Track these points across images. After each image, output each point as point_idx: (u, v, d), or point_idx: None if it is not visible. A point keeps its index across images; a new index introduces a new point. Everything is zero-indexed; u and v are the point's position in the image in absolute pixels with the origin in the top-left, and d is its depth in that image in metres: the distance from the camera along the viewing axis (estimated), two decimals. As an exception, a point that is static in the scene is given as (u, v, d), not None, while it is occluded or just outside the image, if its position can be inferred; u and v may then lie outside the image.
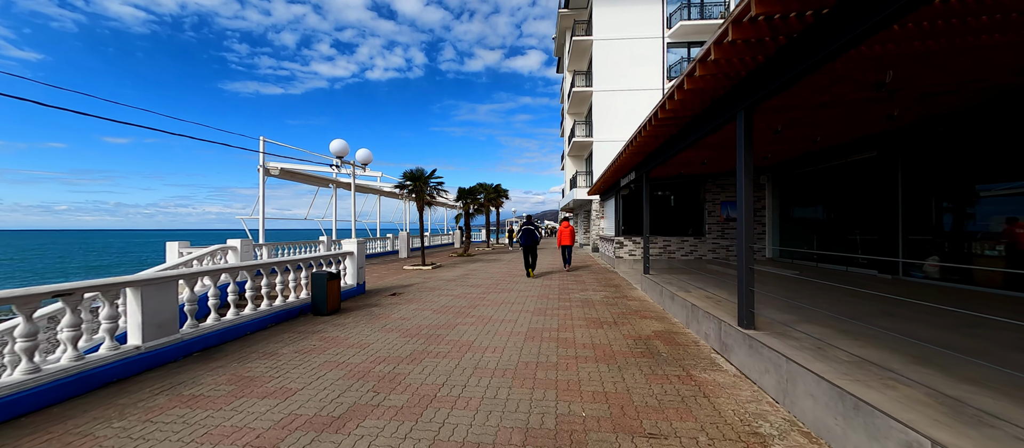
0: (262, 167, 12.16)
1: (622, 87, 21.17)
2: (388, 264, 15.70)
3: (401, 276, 11.85)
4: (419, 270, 13.35)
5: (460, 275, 11.89)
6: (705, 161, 9.52)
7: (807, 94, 4.80)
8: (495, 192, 25.76)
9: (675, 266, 12.05)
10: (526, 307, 7.11)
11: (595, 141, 21.39)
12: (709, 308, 5.07)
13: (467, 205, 19.82)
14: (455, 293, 8.67)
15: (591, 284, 9.82)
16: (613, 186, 13.85)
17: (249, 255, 9.23)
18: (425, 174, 13.97)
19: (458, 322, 6.09)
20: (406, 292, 8.88)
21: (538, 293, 8.55)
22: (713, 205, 12.75)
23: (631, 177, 10.41)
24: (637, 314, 6.48)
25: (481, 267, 14.21)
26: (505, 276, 11.55)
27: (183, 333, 4.64)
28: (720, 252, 12.68)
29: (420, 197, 13.87)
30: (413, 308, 7.13)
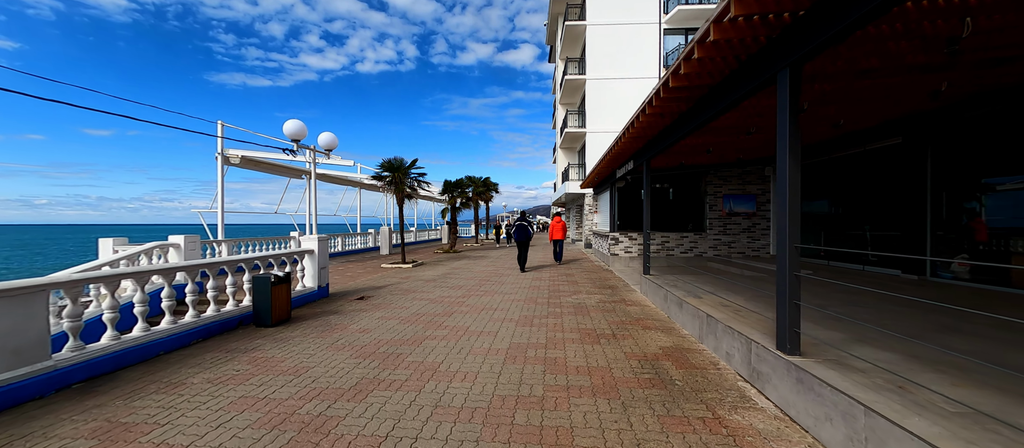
0: (220, 155, 10.95)
1: (617, 75, 20.20)
2: (366, 262, 14.60)
3: (376, 276, 10.79)
4: (398, 268, 12.30)
5: (442, 274, 10.87)
6: (710, 149, 8.60)
7: (858, 54, 3.86)
8: (484, 185, 24.69)
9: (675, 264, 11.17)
10: (511, 314, 6.12)
11: (588, 132, 20.42)
12: (730, 321, 4.13)
13: (453, 199, 18.74)
14: (432, 296, 7.65)
15: (584, 285, 8.88)
16: (608, 178, 12.91)
17: (195, 253, 8.08)
18: (405, 164, 12.88)
19: (428, 335, 5.08)
20: (376, 295, 7.83)
21: (525, 296, 7.58)
22: (715, 198, 11.88)
23: (628, 167, 9.46)
24: (639, 324, 5.53)
25: (466, 265, 13.19)
26: (490, 275, 10.56)
27: (58, 360, 3.56)
28: (722, 249, 11.84)
29: (399, 189, 12.77)
30: (378, 316, 6.10)
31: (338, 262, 14.46)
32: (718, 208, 11.88)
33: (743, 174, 11.80)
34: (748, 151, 9.46)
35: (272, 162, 12.53)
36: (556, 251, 13.22)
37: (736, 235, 11.82)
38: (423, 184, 13.45)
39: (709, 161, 10.70)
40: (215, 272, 5.42)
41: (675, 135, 6.11)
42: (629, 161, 9.23)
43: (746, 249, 11.78)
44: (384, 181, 12.90)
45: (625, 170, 10.02)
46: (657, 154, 7.20)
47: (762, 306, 4.77)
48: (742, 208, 11.80)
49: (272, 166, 12.84)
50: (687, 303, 5.17)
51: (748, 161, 11.19)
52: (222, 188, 10.88)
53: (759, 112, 5.83)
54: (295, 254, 7.06)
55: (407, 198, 13.20)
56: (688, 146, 8.20)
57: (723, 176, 11.88)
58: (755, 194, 11.77)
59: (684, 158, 9.99)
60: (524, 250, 11.68)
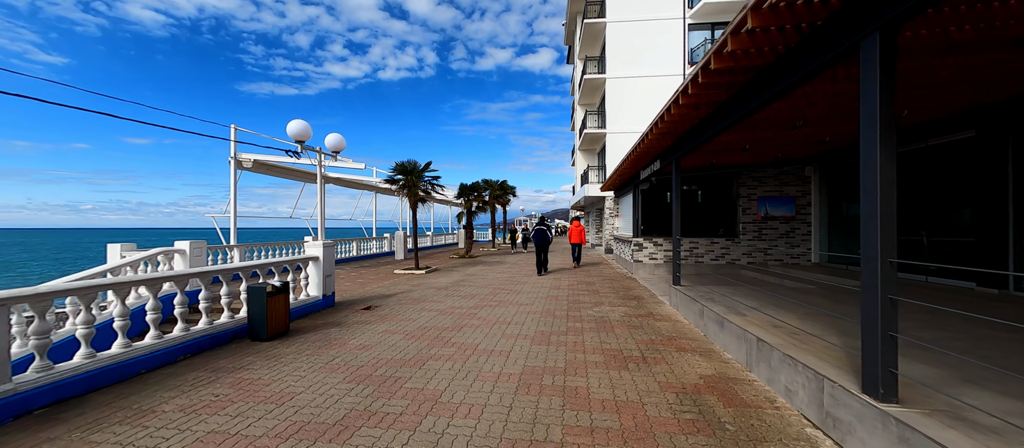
0: (233, 159, 10.83)
1: (638, 73, 19.39)
2: (380, 267, 14.29)
3: (388, 282, 10.39)
4: (411, 275, 11.89)
5: (455, 281, 10.38)
6: (747, 147, 7.81)
7: (951, 22, 3.11)
8: (501, 189, 24.22)
9: (704, 273, 10.34)
10: (526, 330, 5.54)
11: (608, 133, 19.66)
12: (788, 348, 3.43)
13: (469, 203, 18.31)
14: (442, 306, 7.15)
15: (606, 294, 8.20)
16: (631, 180, 12.17)
17: (201, 260, 7.85)
18: (418, 167, 12.50)
19: (432, 354, 4.55)
20: (384, 305, 7.39)
21: (542, 308, 6.97)
22: (748, 201, 10.98)
23: (654, 167, 8.74)
24: (672, 344, 4.85)
25: (481, 272, 12.68)
26: (506, 283, 9.99)
27: (19, 382, 3.20)
28: (757, 256, 10.91)
29: (412, 193, 12.40)
30: (382, 330, 5.63)
31: (352, 267, 14.21)
32: (752, 212, 10.97)
33: (780, 175, 10.86)
34: (789, 149, 8.60)
35: (285, 166, 12.38)
36: (574, 254, 13.71)
37: (773, 241, 10.88)
38: (437, 187, 13.05)
39: (743, 160, 9.85)
40: (208, 281, 5.06)
41: (710, 130, 5.42)
42: (655, 161, 8.52)
43: (784, 256, 10.81)
44: (397, 185, 12.56)
45: (650, 171, 9.30)
46: (688, 152, 6.50)
47: (823, 328, 4.02)
48: (779, 211, 10.86)
49: (285, 170, 12.70)
50: (729, 322, 4.46)
51: (786, 160, 10.27)
52: (235, 192, 10.74)
53: (812, 101, 5.08)
54: (298, 261, 6.69)
55: (421, 202, 12.82)
56: (722, 143, 7.45)
57: (758, 177, 10.97)
58: (794, 196, 10.81)
59: (715, 157, 9.20)
60: (544, 253, 12.02)
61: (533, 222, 66.37)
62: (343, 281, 10.70)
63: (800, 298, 5.68)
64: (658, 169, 8.54)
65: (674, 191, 6.95)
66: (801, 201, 10.80)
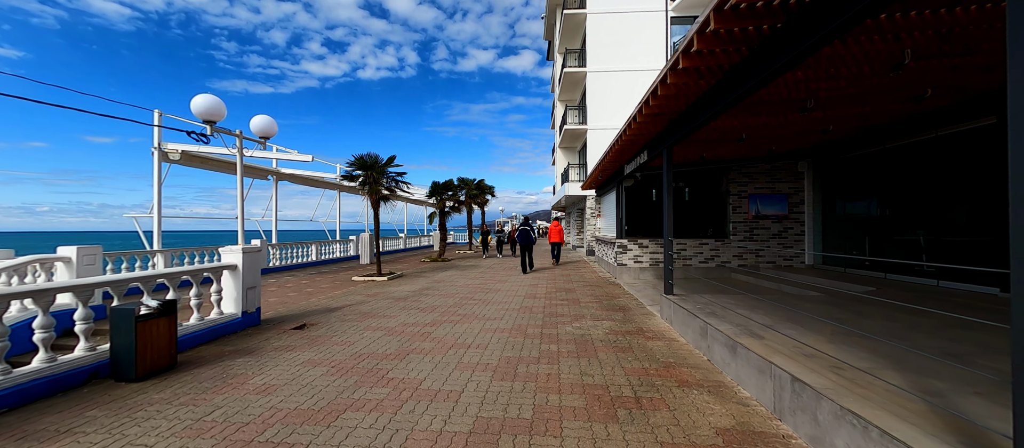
0: (157, 149, 9.30)
1: (620, 67, 18.60)
2: (339, 273, 12.89)
3: (341, 292, 9.08)
4: (371, 282, 10.59)
5: (419, 290, 9.16)
6: (744, 135, 6.92)
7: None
8: (477, 188, 23.03)
9: (693, 276, 9.48)
10: (488, 357, 4.41)
11: (590, 129, 18.79)
12: (842, 395, 2.43)
13: (442, 202, 17.04)
14: (393, 323, 5.94)
15: (588, 304, 7.16)
16: (614, 176, 11.23)
17: (94, 269, 6.38)
18: (380, 161, 11.21)
19: (354, 400, 3.37)
20: (323, 322, 6.12)
21: (513, 323, 5.86)
22: (739, 199, 10.19)
23: (641, 160, 7.77)
24: (670, 375, 3.81)
25: (450, 277, 11.48)
26: (476, 291, 8.84)
27: None
28: (748, 258, 10.13)
29: (373, 190, 11.10)
30: (303, 360, 4.39)
31: (308, 274, 12.76)
32: (743, 210, 10.19)
33: (772, 170, 10.12)
34: (785, 140, 7.79)
35: (220, 158, 10.81)
36: (554, 253, 14.61)
37: (765, 241, 10.12)
38: (402, 184, 11.78)
39: (735, 154, 9.02)
40: (86, 300, 3.74)
41: (711, 109, 4.44)
42: (642, 151, 7.55)
43: (776, 258, 10.07)
44: (356, 181, 11.24)
45: (636, 164, 8.34)
46: (682, 138, 5.52)
47: (869, 357, 3.05)
48: (771, 210, 10.11)
49: (220, 163, 11.11)
50: (743, 347, 3.45)
51: (780, 154, 9.52)
52: (159, 188, 9.20)
53: (830, 73, 4.16)
54: (207, 271, 5.35)
55: (383, 200, 11.53)
56: (718, 131, 6.53)
57: (749, 173, 10.19)
58: (786, 194, 10.08)
59: (707, 149, 8.32)
60: (528, 253, 12.53)
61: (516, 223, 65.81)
62: (289, 291, 9.32)
63: (814, 310, 4.76)
64: (645, 162, 7.57)
65: (665, 185, 5.97)
66: (793, 199, 10.08)
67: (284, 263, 13.50)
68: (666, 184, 5.99)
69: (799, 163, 9.92)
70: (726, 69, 3.94)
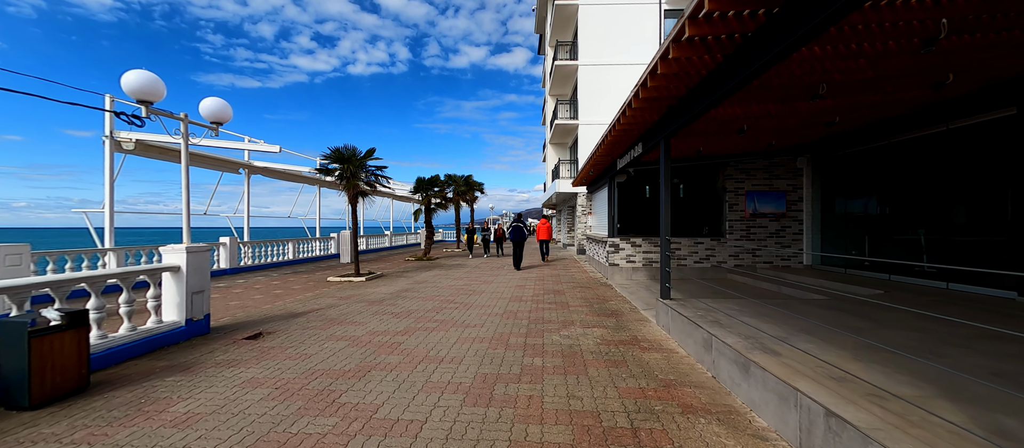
0: (108, 138, 8.51)
1: (612, 61, 18.09)
2: (316, 272, 12.17)
3: (312, 293, 8.40)
4: (347, 282, 9.92)
5: (397, 292, 8.52)
6: (745, 126, 6.43)
7: None
8: (466, 184, 22.39)
9: (688, 277, 9.01)
10: (462, 374, 3.83)
11: (581, 124, 18.27)
12: (897, 441, 1.89)
13: (427, 199, 16.36)
14: (360, 332, 5.32)
15: (578, 308, 6.62)
16: (606, 171, 10.71)
17: (18, 271, 5.63)
18: (359, 154, 10.52)
19: (290, 438, 2.76)
20: (282, 330, 5.47)
21: (494, 331, 5.28)
22: (736, 196, 9.74)
23: (635, 152, 7.24)
24: (671, 397, 3.27)
25: (434, 278, 10.86)
26: (458, 293, 8.24)
27: None
28: (745, 258, 9.69)
29: (350, 185, 10.40)
30: (245, 379, 3.76)
31: (282, 273, 12.01)
32: (739, 208, 9.75)
33: (770, 166, 9.70)
34: (788, 132, 7.33)
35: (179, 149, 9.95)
36: (542, 250, 15.13)
37: (762, 240, 9.70)
38: (383, 179, 11.10)
39: (733, 149, 8.55)
40: None
41: (715, 93, 3.93)
42: (636, 144, 7.02)
43: (774, 258, 9.65)
44: (333, 175, 10.53)
45: (629, 158, 7.81)
46: (681, 127, 4.99)
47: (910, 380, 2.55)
48: (769, 208, 9.69)
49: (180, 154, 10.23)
50: (758, 366, 2.93)
51: (780, 149, 9.09)
52: (111, 181, 8.40)
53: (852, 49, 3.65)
54: (143, 274, 4.66)
55: (362, 196, 10.84)
56: (718, 120, 6.02)
57: (746, 169, 9.75)
58: (784, 191, 9.67)
59: (704, 143, 7.83)
60: (520, 250, 12.76)
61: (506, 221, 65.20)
62: (256, 293, 8.61)
63: (827, 318, 4.27)
64: (639, 155, 7.04)
65: (662, 180, 5.45)
66: (792, 196, 9.67)
67: (257, 262, 12.72)
68: (663, 179, 5.46)
69: (798, 159, 9.51)
70: (737, 42, 3.41)
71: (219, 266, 11.17)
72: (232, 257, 11.42)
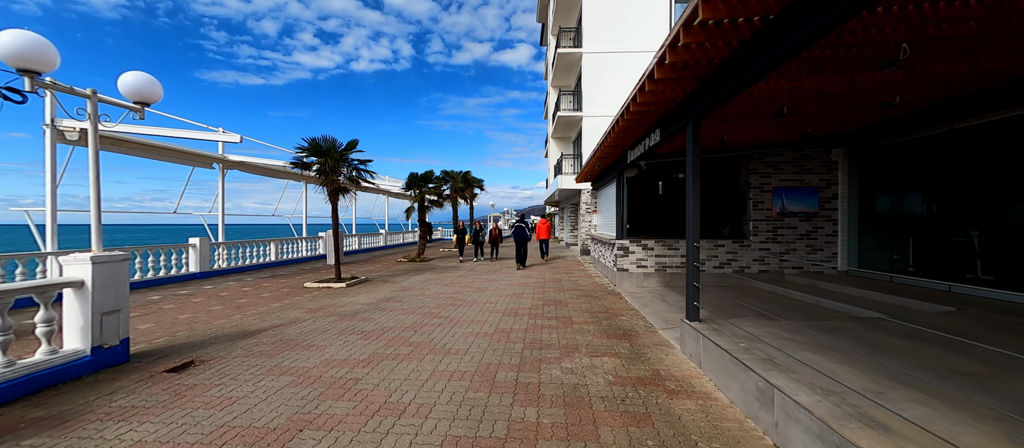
0: (49, 126, 7.52)
1: (619, 48, 16.93)
2: (296, 276, 11.18)
3: (281, 303, 7.40)
4: (326, 289, 8.92)
5: (377, 301, 7.51)
6: (784, 109, 5.33)
7: None
8: (464, 181, 21.31)
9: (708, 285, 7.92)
10: (428, 435, 2.79)
11: (585, 116, 17.14)
12: None
13: (420, 196, 15.30)
14: (313, 362, 4.30)
15: (583, 326, 5.56)
16: (614, 165, 9.62)
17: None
18: (338, 146, 9.49)
19: None
20: (222, 355, 4.46)
21: (480, 361, 4.25)
22: (761, 193, 8.64)
23: (650, 142, 6.14)
24: (727, 491, 2.21)
25: (423, 283, 9.85)
26: (446, 303, 7.22)
27: None
28: (771, 262, 8.60)
29: (329, 180, 9.38)
30: (133, 441, 2.74)
31: (259, 277, 11.03)
32: (765, 206, 8.64)
33: (800, 159, 8.58)
34: (832, 116, 6.23)
35: (137, 139, 8.99)
36: (542, 249, 15.45)
37: (791, 243, 8.59)
38: (367, 173, 10.06)
39: (762, 138, 7.45)
40: None
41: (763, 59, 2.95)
42: (653, 130, 5.92)
43: (804, 262, 8.55)
44: (310, 169, 9.51)
45: (642, 149, 6.72)
46: (716, 105, 3.92)
47: None
48: (799, 207, 8.58)
49: (138, 146, 9.23)
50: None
51: (814, 139, 7.98)
52: (52, 175, 7.43)
53: None
54: (28, 291, 3.65)
55: (343, 192, 9.81)
56: (756, 99, 4.94)
57: (772, 162, 8.64)
58: (817, 187, 8.55)
59: (730, 130, 6.74)
60: (523, 248, 12.89)
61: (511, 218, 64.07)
62: (217, 302, 7.62)
63: (914, 354, 3.19)
64: (655, 145, 5.95)
65: (690, 171, 4.38)
66: (825, 193, 8.55)
67: (235, 265, 11.74)
68: (691, 171, 4.38)
69: (833, 151, 8.38)
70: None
71: (188, 270, 10.19)
72: (203, 260, 10.43)
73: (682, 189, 9.64)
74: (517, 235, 13.22)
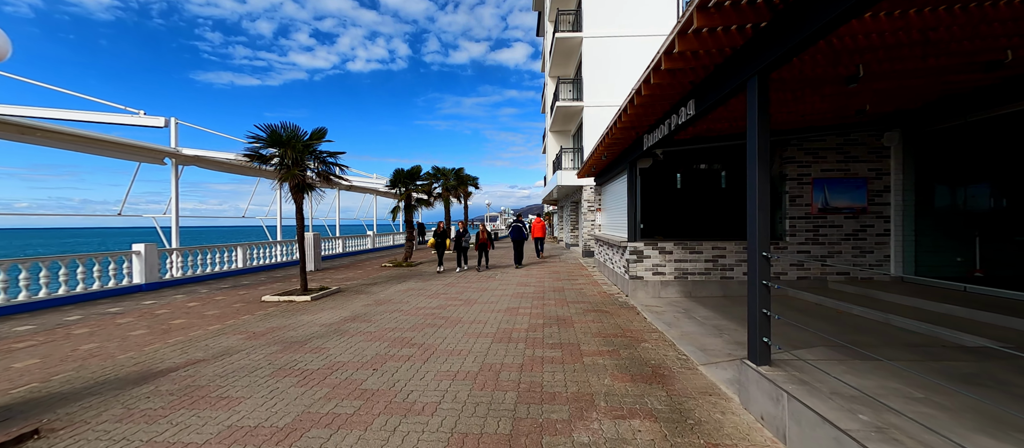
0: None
1: (622, 32, 15.61)
2: (260, 287, 9.79)
3: (222, 325, 6.03)
4: (286, 304, 7.55)
5: (340, 322, 6.16)
6: (859, 71, 4.00)
7: None
8: (457, 179, 19.95)
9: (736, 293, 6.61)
10: None
11: (586, 106, 15.81)
12: None
13: (406, 193, 13.90)
14: (208, 435, 2.94)
15: (596, 357, 4.22)
16: (625, 154, 8.26)
17: None
18: (301, 135, 8.11)
19: None
20: (94, 417, 3.11)
21: (453, 426, 2.90)
22: (800, 186, 7.33)
23: (678, 118, 4.80)
24: None
25: (402, 296, 8.50)
26: (421, 326, 5.87)
27: None
28: (812, 267, 7.29)
29: (290, 174, 7.99)
30: None
31: (218, 287, 9.63)
32: (804, 201, 7.33)
33: (845, 145, 7.27)
34: (901, 88, 4.91)
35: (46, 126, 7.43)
36: (537, 247, 16.22)
37: (834, 245, 7.28)
38: (337, 168, 8.68)
39: (807, 118, 6.12)
40: None
41: None
42: (687, 101, 4.56)
43: (850, 267, 7.24)
44: (268, 163, 8.13)
45: (666, 129, 5.37)
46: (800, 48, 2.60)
47: None
48: (844, 201, 7.27)
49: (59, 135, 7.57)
50: None
51: (863, 122, 6.66)
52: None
53: None
54: None
55: (308, 189, 8.43)
56: (835, 49, 3.62)
57: (812, 149, 7.33)
58: (865, 178, 7.24)
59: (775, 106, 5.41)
60: (520, 248, 13.06)
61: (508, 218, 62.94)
62: (142, 326, 6.22)
63: None
64: (688, 120, 4.60)
65: (754, 147, 3.10)
66: (875, 185, 7.25)
67: (191, 274, 10.31)
68: (757, 149, 3.10)
69: (885, 134, 7.07)
70: None
71: (131, 281, 8.78)
72: (150, 269, 9.02)
73: (705, 182, 8.32)
74: (515, 234, 13.30)
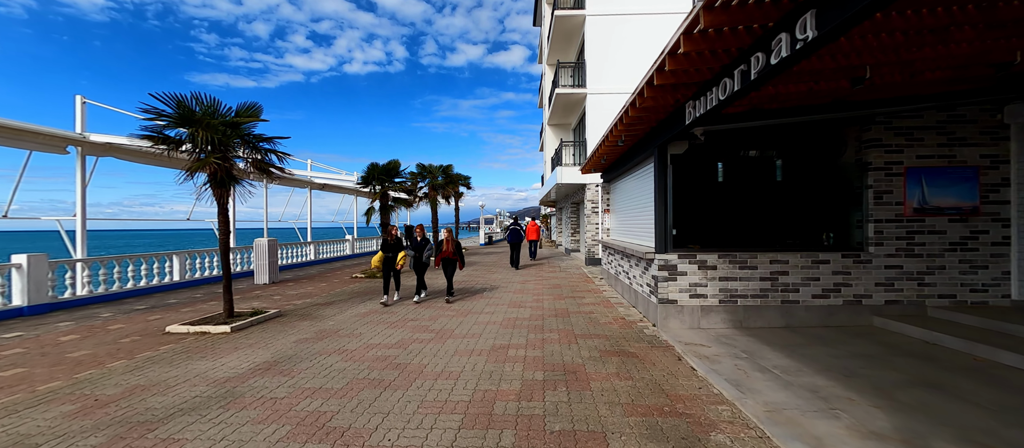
0: None
1: (630, 9, 13.77)
2: (184, 308, 7.79)
3: (89, 371, 4.07)
4: (196, 336, 5.59)
5: (251, 371, 4.21)
6: None
7: None
8: (445, 177, 18.02)
9: (809, 326, 4.71)
10: None
11: (589, 93, 13.93)
12: None
13: (381, 192, 11.92)
14: None
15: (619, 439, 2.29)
16: (651, 136, 6.31)
17: None
18: (222, 113, 6.15)
19: None
20: None
21: None
22: (887, 178, 5.46)
23: (758, 64, 2.92)
24: None
25: (354, 326, 6.58)
26: (368, 381, 3.93)
27: None
28: (905, 289, 5.40)
29: (204, 163, 6.03)
30: None
31: (130, 308, 7.64)
32: (894, 198, 5.45)
33: (949, 123, 5.41)
34: None
35: None
36: (531, 250, 16.23)
37: (935, 257, 5.40)
38: (273, 157, 6.73)
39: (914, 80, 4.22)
40: None
41: None
42: (785, 28, 2.66)
43: (956, 288, 5.37)
44: (179, 149, 6.16)
45: (725, 94, 3.46)
46: None
47: None
48: (948, 199, 5.40)
49: None
50: None
51: (975, 89, 4.78)
52: None
53: None
54: None
55: (233, 182, 6.47)
56: None
57: (904, 128, 5.45)
58: (976, 167, 5.38)
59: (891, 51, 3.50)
60: (516, 250, 13.20)
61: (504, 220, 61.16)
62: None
63: None
64: (770, 67, 2.71)
65: None
66: (990, 176, 5.39)
67: (104, 291, 8.28)
68: None
69: (1005, 109, 5.22)
70: None
71: (9, 303, 6.78)
72: (38, 287, 7.00)
73: (756, 173, 6.37)
74: (512, 237, 13.48)
